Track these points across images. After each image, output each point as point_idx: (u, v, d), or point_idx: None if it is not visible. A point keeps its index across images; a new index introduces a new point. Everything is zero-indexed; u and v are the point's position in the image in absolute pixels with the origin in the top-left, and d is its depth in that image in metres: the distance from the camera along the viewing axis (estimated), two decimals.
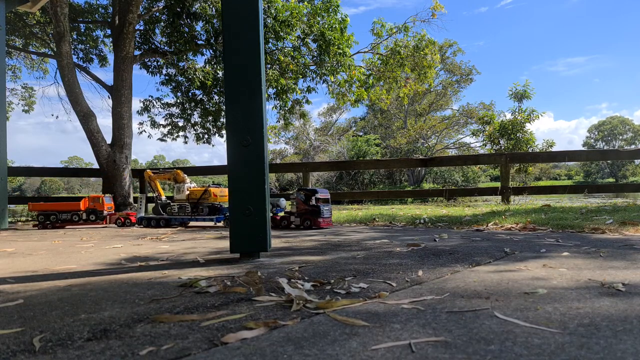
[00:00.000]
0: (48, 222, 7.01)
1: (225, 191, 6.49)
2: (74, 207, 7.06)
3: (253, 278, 2.20)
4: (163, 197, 6.91)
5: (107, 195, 7.48)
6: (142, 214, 7.01)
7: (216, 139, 13.80)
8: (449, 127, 42.15)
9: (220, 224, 6.41)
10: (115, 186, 10.17)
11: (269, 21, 11.03)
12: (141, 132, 13.97)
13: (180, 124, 13.70)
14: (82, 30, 12.99)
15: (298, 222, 5.54)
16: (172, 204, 6.69)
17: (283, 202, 5.99)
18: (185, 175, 6.75)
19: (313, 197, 5.45)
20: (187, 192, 6.58)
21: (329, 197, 5.74)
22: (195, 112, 13.29)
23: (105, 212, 7.16)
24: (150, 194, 7.33)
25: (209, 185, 6.51)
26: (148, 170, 7.19)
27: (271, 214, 5.77)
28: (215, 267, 2.67)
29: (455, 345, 1.23)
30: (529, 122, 13.86)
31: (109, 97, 10.92)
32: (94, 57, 13.28)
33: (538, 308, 1.58)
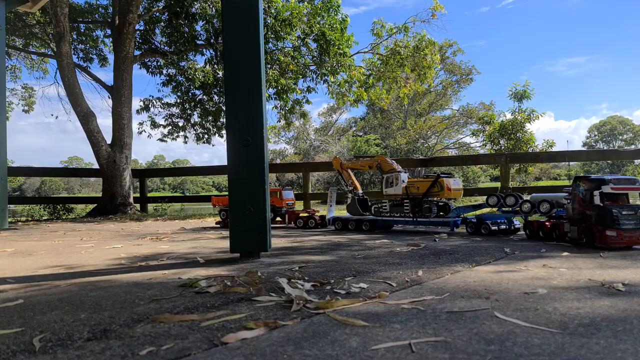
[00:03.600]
0: (228, 218, 5.96)
1: (461, 183, 4.96)
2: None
3: (253, 278, 2.20)
4: (360, 192, 5.56)
5: (287, 188, 6.30)
6: (333, 213, 5.64)
7: (216, 139, 13.81)
8: (449, 127, 42.15)
9: (460, 229, 4.74)
10: (115, 186, 10.17)
11: (269, 21, 11.03)
12: (141, 132, 13.98)
13: (180, 124, 13.70)
14: (82, 30, 12.99)
15: (575, 233, 3.41)
16: (382, 200, 5.21)
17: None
18: (394, 162, 5.25)
19: (601, 190, 3.20)
20: (405, 185, 4.93)
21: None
22: (195, 112, 13.29)
23: (284, 209, 5.98)
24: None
25: (438, 175, 4.74)
26: (337, 157, 5.78)
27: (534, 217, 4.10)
28: (215, 267, 2.67)
29: (455, 345, 1.23)
30: (529, 122, 13.84)
31: (109, 97, 10.95)
32: (94, 57, 13.29)
33: (538, 308, 1.58)
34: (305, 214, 5.80)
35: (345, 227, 5.27)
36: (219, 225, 6.18)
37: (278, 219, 6.02)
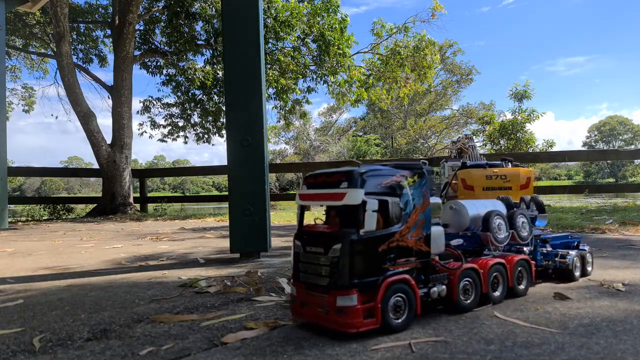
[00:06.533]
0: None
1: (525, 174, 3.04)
2: None
3: (253, 278, 2.20)
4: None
5: None
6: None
7: (216, 138, 13.80)
8: (449, 127, 42.16)
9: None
10: (115, 186, 10.17)
11: (269, 21, 11.03)
12: (142, 134, 13.98)
13: (180, 124, 13.71)
14: (82, 30, 12.99)
15: None
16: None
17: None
18: (472, 145, 3.50)
19: None
20: (447, 179, 3.22)
21: None
22: (195, 112, 13.30)
23: None
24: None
25: (464, 164, 3.07)
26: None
27: None
28: (215, 267, 2.67)
29: (455, 345, 1.23)
30: (529, 122, 13.86)
31: (109, 97, 10.94)
32: (93, 57, 13.28)
33: (538, 308, 1.58)
34: None
35: None
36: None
37: None
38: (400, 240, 1.35)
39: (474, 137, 3.25)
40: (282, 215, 8.13)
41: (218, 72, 12.12)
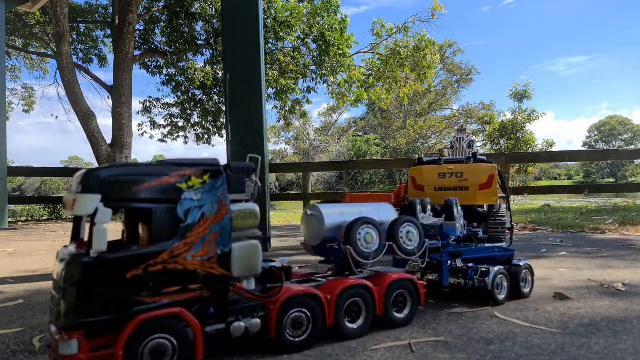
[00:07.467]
0: None
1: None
2: (386, 200, 4.43)
3: None
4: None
5: None
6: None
7: (216, 139, 13.81)
8: (449, 127, 42.18)
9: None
10: None
11: (269, 22, 11.03)
12: (142, 134, 13.97)
13: (180, 124, 13.70)
14: (82, 30, 12.99)
15: None
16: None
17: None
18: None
19: None
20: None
21: None
22: (195, 112, 13.29)
23: None
24: None
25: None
26: None
27: None
28: None
29: (455, 345, 1.23)
30: (529, 122, 13.86)
31: (108, 97, 10.95)
32: (93, 57, 13.27)
33: (538, 308, 1.58)
34: None
35: None
36: None
37: None
38: (171, 261, 1.01)
39: (466, 130, 2.68)
40: (282, 216, 8.13)
41: (218, 72, 12.12)
